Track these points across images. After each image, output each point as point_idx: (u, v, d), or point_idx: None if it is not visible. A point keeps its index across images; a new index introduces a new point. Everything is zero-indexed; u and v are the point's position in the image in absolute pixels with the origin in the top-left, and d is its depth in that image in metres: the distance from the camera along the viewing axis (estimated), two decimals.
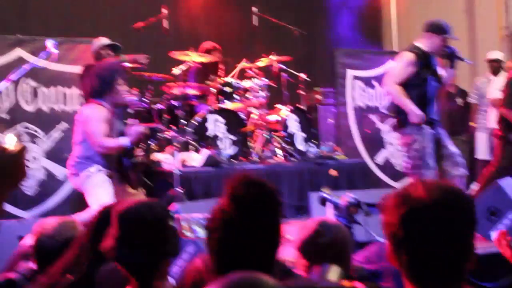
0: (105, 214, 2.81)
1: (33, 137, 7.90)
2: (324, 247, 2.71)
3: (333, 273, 2.42)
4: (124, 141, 5.83)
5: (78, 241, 2.84)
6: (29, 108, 7.94)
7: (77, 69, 7.38)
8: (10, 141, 2.14)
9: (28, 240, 3.28)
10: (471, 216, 1.85)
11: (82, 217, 5.32)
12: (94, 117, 5.92)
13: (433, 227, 1.78)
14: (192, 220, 3.39)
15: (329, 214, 4.27)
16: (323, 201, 4.43)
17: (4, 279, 2.89)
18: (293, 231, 2.92)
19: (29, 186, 7.80)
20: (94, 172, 5.94)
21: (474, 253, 1.86)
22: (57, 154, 7.76)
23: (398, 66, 6.69)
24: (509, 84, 7.66)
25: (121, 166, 6.06)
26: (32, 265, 2.99)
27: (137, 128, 5.76)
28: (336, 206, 4.30)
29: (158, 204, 2.77)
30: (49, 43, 5.83)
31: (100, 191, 5.85)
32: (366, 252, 4.00)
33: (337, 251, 2.74)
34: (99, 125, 5.90)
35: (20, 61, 7.62)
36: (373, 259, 3.93)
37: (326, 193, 4.43)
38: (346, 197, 4.30)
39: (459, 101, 10.64)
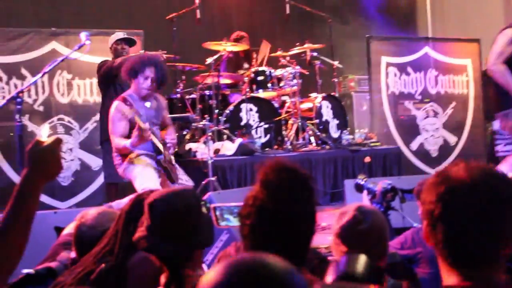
0: (138, 202, 2.80)
1: (68, 129, 7.99)
2: (363, 233, 2.69)
3: (361, 263, 2.40)
4: (127, 142, 5.83)
5: (111, 230, 2.84)
6: (64, 100, 8.02)
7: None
8: (45, 133, 2.15)
9: (69, 230, 3.31)
10: (510, 199, 1.79)
11: (122, 204, 5.36)
12: (112, 116, 5.95)
13: (470, 207, 1.75)
14: (226, 208, 3.38)
15: (365, 201, 4.24)
16: (359, 188, 4.41)
17: (45, 268, 2.92)
18: (328, 219, 2.90)
19: (64, 177, 7.89)
20: (133, 157, 5.97)
21: (510, 240, 1.82)
22: (92, 145, 7.84)
23: (501, 44, 6.33)
24: None
25: (153, 156, 6.07)
26: (72, 254, 3.01)
27: (136, 134, 5.73)
28: (372, 193, 4.27)
29: (190, 193, 2.72)
30: (83, 35, 5.88)
31: (144, 174, 5.88)
32: (402, 238, 3.98)
33: (376, 237, 2.72)
34: (115, 125, 5.92)
35: (55, 53, 7.72)
36: (408, 245, 3.91)
37: (362, 179, 4.40)
38: (382, 183, 4.27)
39: None
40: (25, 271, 2.82)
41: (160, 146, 6.01)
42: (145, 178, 5.81)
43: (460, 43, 10.54)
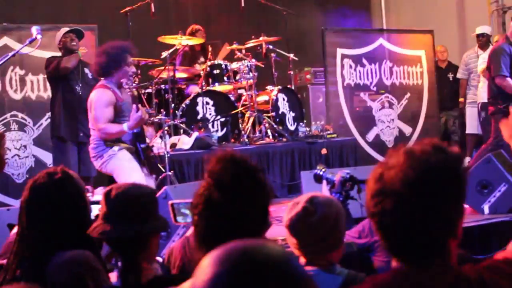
0: (36, 190, 2.76)
1: (21, 125, 7.88)
2: (312, 225, 2.68)
3: None
4: (124, 126, 5.77)
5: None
6: (17, 96, 7.90)
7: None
8: None
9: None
10: (448, 200, 1.76)
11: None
12: (97, 101, 5.86)
13: (398, 211, 1.73)
14: (183, 204, 3.36)
15: (324, 191, 4.26)
16: (318, 178, 4.42)
17: None
18: (283, 211, 2.89)
19: (19, 174, 7.77)
20: (117, 150, 5.90)
21: (456, 227, 1.81)
22: (46, 142, 7.73)
23: None
24: (494, 53, 7.66)
25: (137, 149, 6.02)
26: None
27: (136, 114, 5.70)
28: (331, 182, 4.29)
29: (146, 186, 2.75)
30: (34, 30, 5.79)
31: (128, 167, 5.83)
32: (359, 227, 4.01)
33: (326, 229, 2.70)
34: (101, 110, 5.83)
35: (7, 49, 7.57)
36: (365, 234, 3.93)
37: (321, 170, 4.42)
38: (340, 173, 4.29)
39: (451, 76, 10.65)
40: None
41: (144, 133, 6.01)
42: (130, 172, 5.75)
43: (414, 35, 10.64)
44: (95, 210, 3.04)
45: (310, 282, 1.29)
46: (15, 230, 3.25)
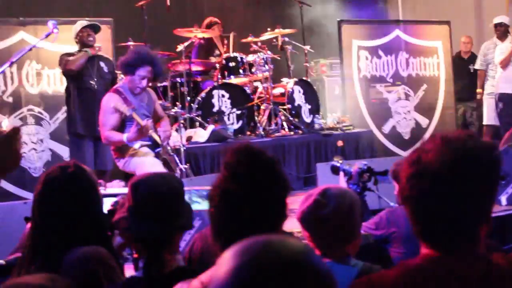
0: (51, 182, 2.76)
1: (38, 120, 7.91)
2: (324, 218, 2.65)
3: None
4: (124, 137, 5.78)
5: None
6: (33, 90, 7.93)
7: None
8: (4, 124, 2.12)
9: None
10: (484, 184, 1.76)
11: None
12: (105, 107, 5.88)
13: (435, 194, 1.73)
14: (195, 192, 3.36)
15: (342, 183, 4.25)
16: (335, 170, 4.41)
17: (16, 258, 2.89)
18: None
19: (36, 168, 7.81)
20: (137, 148, 5.93)
21: (488, 215, 1.80)
22: (63, 136, 7.74)
23: None
24: None
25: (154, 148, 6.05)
26: None
27: (134, 127, 5.70)
28: (348, 174, 4.28)
29: (173, 177, 2.73)
30: (50, 24, 5.82)
31: (150, 162, 5.85)
32: (376, 218, 4.00)
33: (339, 222, 2.68)
34: (107, 117, 5.86)
35: (23, 43, 7.62)
36: (382, 225, 3.92)
37: (337, 161, 4.41)
38: (358, 164, 4.28)
39: (472, 68, 10.57)
40: None
41: (157, 139, 5.98)
42: (148, 166, 5.77)
43: (431, 25, 10.58)
44: (108, 203, 3.04)
45: (330, 276, 1.28)
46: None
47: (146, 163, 5.83)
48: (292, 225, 2.81)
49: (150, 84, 6.19)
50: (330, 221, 2.63)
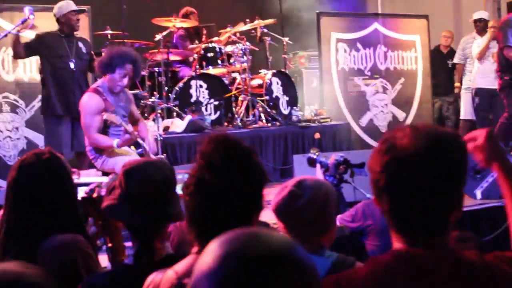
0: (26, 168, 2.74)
1: (13, 107, 7.83)
2: (299, 209, 2.65)
3: None
4: (114, 142, 5.78)
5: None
6: (9, 78, 7.84)
7: None
8: None
9: None
10: (458, 167, 1.78)
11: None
12: (87, 109, 5.86)
13: (414, 178, 1.73)
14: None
15: (318, 175, 4.25)
16: (312, 162, 4.42)
17: None
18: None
19: (11, 156, 7.74)
20: (115, 145, 5.91)
21: (459, 204, 1.82)
22: (39, 124, 7.67)
23: None
24: (503, 25, 7.83)
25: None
26: None
27: (126, 136, 5.70)
28: (325, 166, 4.28)
29: (166, 165, 2.68)
30: (26, 10, 5.76)
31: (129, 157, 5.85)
32: (352, 210, 4.00)
33: (313, 213, 2.67)
34: (90, 118, 5.84)
35: None
36: (358, 217, 3.93)
37: (314, 153, 4.41)
38: (334, 156, 4.28)
39: (450, 63, 10.62)
40: None
41: (144, 144, 5.97)
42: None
43: (409, 19, 10.60)
44: (81, 192, 3.02)
45: (314, 269, 1.28)
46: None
47: (126, 158, 5.82)
48: (267, 216, 2.81)
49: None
50: (305, 212, 2.63)
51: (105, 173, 5.88)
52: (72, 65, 7.03)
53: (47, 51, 7.04)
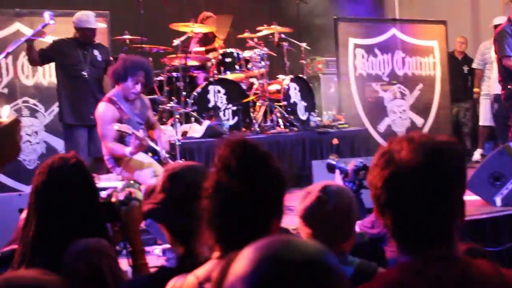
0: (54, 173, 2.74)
1: (33, 111, 7.88)
2: (327, 215, 2.65)
3: None
4: (126, 151, 5.81)
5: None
6: (28, 82, 7.90)
7: None
8: (4, 114, 2.09)
9: None
10: (458, 175, 1.78)
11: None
12: (103, 119, 5.91)
13: (416, 191, 1.73)
14: None
15: (337, 180, 4.24)
16: (331, 168, 4.40)
17: (10, 250, 2.88)
18: (296, 200, 2.85)
19: (30, 160, 7.79)
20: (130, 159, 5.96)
21: (462, 212, 1.81)
22: (58, 128, 7.72)
23: None
24: (498, 36, 7.92)
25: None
26: None
27: (138, 142, 5.72)
28: (344, 172, 4.27)
29: (204, 169, 2.68)
30: (46, 15, 5.80)
31: (146, 164, 5.88)
32: (372, 216, 3.98)
33: (339, 219, 2.67)
34: (106, 128, 5.88)
35: (19, 35, 7.58)
36: (378, 224, 3.91)
37: (333, 159, 4.40)
38: (354, 162, 4.27)
39: (465, 69, 10.57)
40: None
41: (156, 147, 6.01)
42: (149, 167, 5.83)
43: (427, 25, 10.57)
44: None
45: (345, 277, 1.30)
46: (24, 215, 3.25)
47: (145, 164, 5.88)
48: (286, 222, 2.80)
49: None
50: (332, 217, 2.63)
51: None
52: (85, 74, 7.09)
53: (62, 59, 7.15)
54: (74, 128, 7.15)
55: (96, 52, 7.25)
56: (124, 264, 3.11)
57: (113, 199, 3.08)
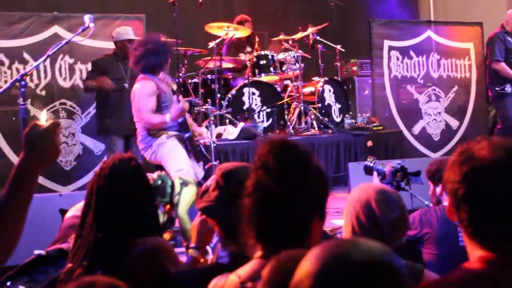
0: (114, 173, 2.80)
1: (70, 113, 7.97)
2: (394, 221, 2.63)
3: None
4: (167, 118, 5.83)
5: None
6: (66, 84, 7.99)
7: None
8: (43, 118, 2.12)
9: (74, 212, 3.31)
10: None
11: None
12: (141, 92, 5.95)
13: (495, 187, 1.77)
14: None
15: (375, 182, 4.22)
16: (369, 170, 4.39)
17: (56, 249, 2.92)
18: (331, 202, 2.83)
19: (67, 161, 7.88)
20: (166, 139, 5.99)
21: None
22: (93, 130, 7.80)
23: None
24: (490, 41, 8.61)
25: (182, 137, 6.09)
26: None
27: (178, 105, 5.75)
28: (382, 174, 4.25)
29: None
30: (86, 18, 5.82)
31: (177, 155, 5.91)
32: (410, 218, 3.96)
33: (402, 222, 2.67)
34: (144, 100, 5.92)
35: (57, 38, 7.67)
36: (415, 225, 3.90)
37: (371, 161, 4.38)
38: (391, 163, 4.25)
39: None
40: (36, 252, 2.83)
41: (189, 122, 6.08)
42: (178, 160, 5.83)
43: (463, 27, 10.48)
44: None
45: (408, 277, 1.32)
46: (69, 214, 3.30)
47: (177, 157, 5.87)
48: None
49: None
50: (398, 223, 2.62)
51: (158, 167, 5.93)
52: (127, 86, 7.22)
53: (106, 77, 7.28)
54: (113, 137, 7.34)
55: None
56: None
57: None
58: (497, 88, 8.40)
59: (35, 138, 2.01)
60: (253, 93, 8.39)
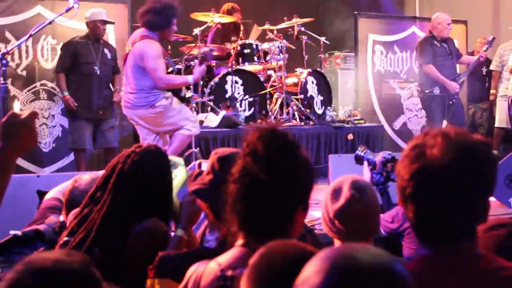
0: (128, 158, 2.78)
1: (51, 95, 7.90)
2: (362, 211, 2.62)
3: None
4: (189, 78, 5.89)
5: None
6: (48, 65, 7.92)
7: None
8: (17, 109, 2.15)
9: (53, 194, 3.29)
10: (486, 178, 1.78)
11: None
12: (152, 53, 5.97)
13: (440, 189, 1.73)
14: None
15: (366, 172, 4.21)
16: (359, 159, 4.38)
17: (32, 230, 2.90)
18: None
19: (46, 143, 7.81)
20: (170, 98, 6.01)
21: (485, 215, 1.82)
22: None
23: None
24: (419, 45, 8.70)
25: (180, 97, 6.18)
26: (61, 218, 3.00)
27: (200, 67, 5.83)
28: (372, 163, 4.24)
29: None
30: None
31: (184, 111, 5.97)
32: (393, 211, 3.96)
33: (374, 212, 2.67)
34: (158, 61, 5.98)
35: (40, 18, 7.60)
36: (398, 218, 3.89)
37: (362, 151, 4.37)
38: (382, 153, 4.25)
39: (484, 70, 10.52)
40: (12, 232, 2.80)
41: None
42: (186, 113, 6.06)
43: None
44: None
45: (411, 282, 1.31)
46: (49, 195, 3.27)
47: (184, 111, 6.21)
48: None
49: None
50: (366, 214, 2.62)
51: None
52: (97, 70, 7.26)
53: (76, 60, 7.34)
54: (80, 121, 7.35)
55: (106, 51, 7.53)
56: None
57: None
58: (426, 91, 8.57)
59: (13, 127, 2.01)
60: (236, 82, 8.36)
